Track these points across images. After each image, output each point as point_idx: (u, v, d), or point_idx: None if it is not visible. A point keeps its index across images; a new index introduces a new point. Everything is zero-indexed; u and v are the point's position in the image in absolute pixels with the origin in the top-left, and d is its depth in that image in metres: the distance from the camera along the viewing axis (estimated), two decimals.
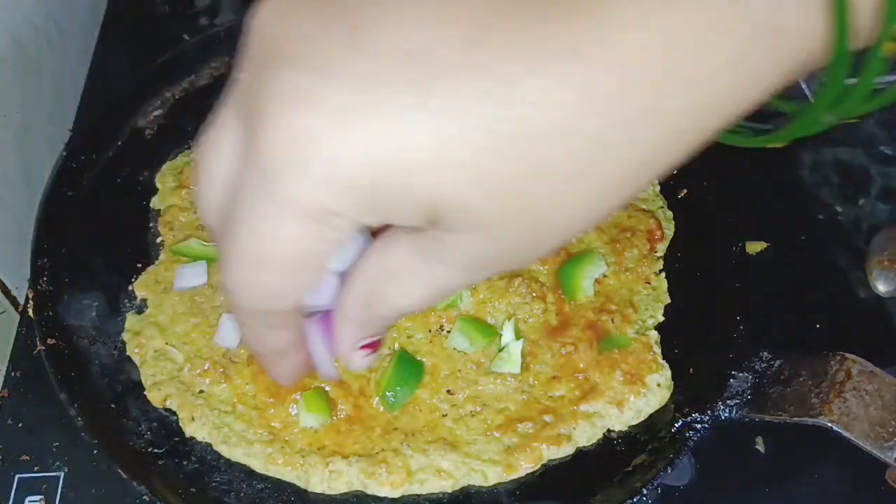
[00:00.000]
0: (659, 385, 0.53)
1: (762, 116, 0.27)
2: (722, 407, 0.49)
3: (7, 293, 0.62)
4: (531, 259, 0.26)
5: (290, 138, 0.22)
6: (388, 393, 0.51)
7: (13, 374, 0.56)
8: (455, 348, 0.54)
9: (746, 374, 0.50)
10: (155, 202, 0.63)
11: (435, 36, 0.21)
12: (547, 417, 0.51)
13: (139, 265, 0.59)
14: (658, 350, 0.55)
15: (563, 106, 0.21)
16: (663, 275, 0.59)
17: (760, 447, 0.54)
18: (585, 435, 0.51)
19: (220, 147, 0.25)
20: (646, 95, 0.21)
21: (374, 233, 0.28)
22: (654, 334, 0.55)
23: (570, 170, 0.22)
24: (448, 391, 0.52)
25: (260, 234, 0.24)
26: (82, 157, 0.61)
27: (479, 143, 0.21)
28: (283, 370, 0.31)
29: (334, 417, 0.50)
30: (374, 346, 0.31)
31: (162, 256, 0.59)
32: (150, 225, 0.61)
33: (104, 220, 0.60)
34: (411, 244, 0.26)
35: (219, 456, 0.50)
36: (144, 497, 0.46)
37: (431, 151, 0.21)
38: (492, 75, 0.21)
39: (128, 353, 0.54)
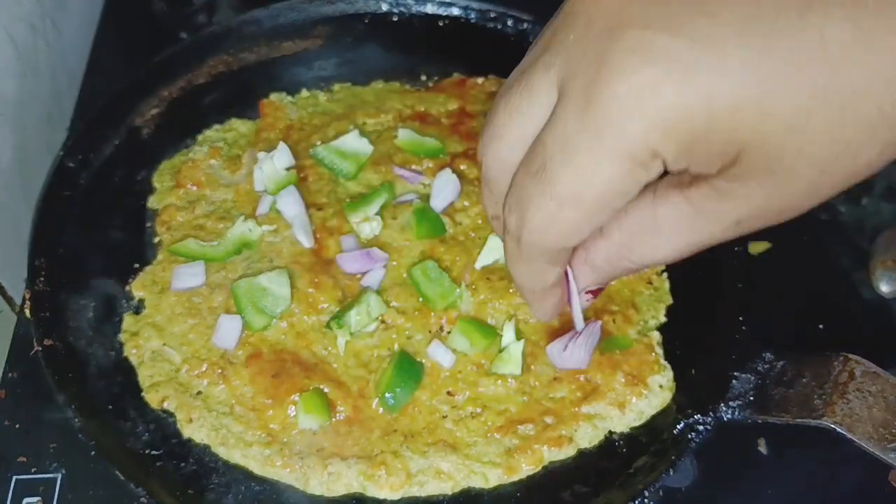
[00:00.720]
0: (661, 386, 0.53)
1: None
2: (724, 408, 0.49)
3: (4, 293, 0.62)
4: (801, 210, 0.28)
5: (633, 85, 0.25)
6: (387, 394, 0.51)
7: (10, 374, 0.55)
8: (455, 349, 0.53)
9: (749, 376, 0.50)
10: (152, 202, 0.62)
11: (770, 5, 0.25)
12: (548, 419, 0.51)
13: (136, 265, 0.58)
14: (660, 351, 0.54)
15: (876, 67, 0.24)
16: (665, 275, 0.59)
17: (763, 448, 0.54)
18: (587, 436, 0.51)
19: (534, 108, 0.29)
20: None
21: None
22: (656, 335, 0.55)
23: (879, 123, 0.25)
24: (448, 392, 0.52)
25: (581, 173, 0.27)
26: (79, 157, 0.61)
27: (800, 100, 0.24)
28: (548, 305, 0.35)
29: (333, 419, 0.50)
30: (597, 293, 0.35)
31: (159, 256, 0.59)
32: (148, 225, 0.61)
33: (101, 220, 0.60)
34: (682, 199, 0.28)
35: (217, 457, 0.49)
36: (142, 499, 0.46)
37: (758, 104, 0.25)
38: (826, 39, 0.24)
39: (125, 354, 0.54)
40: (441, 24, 0.72)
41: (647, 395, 0.52)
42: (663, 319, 0.57)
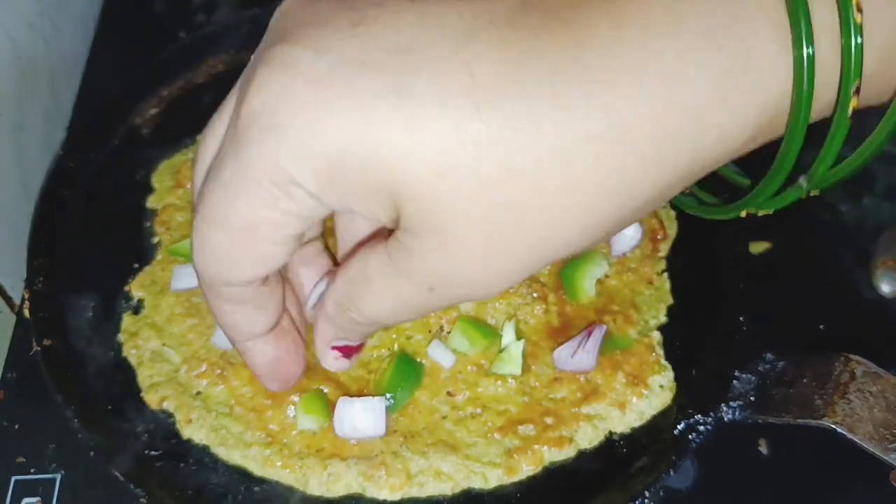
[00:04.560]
0: (661, 386, 0.53)
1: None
2: (725, 409, 0.49)
3: (3, 294, 0.61)
4: (494, 287, 0.24)
5: (269, 101, 0.23)
6: (387, 395, 0.51)
7: (9, 375, 0.55)
8: (455, 349, 0.53)
9: (750, 376, 0.49)
10: (151, 202, 0.62)
11: (427, 36, 0.22)
12: (548, 419, 0.51)
13: (136, 265, 0.58)
14: (661, 351, 0.54)
15: (552, 118, 0.21)
16: (666, 275, 0.59)
17: (764, 449, 0.54)
18: (587, 437, 0.51)
19: (216, 124, 0.27)
20: (631, 117, 0.21)
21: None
22: (657, 335, 0.55)
23: (545, 184, 0.21)
24: (448, 393, 0.52)
25: (223, 194, 0.25)
26: (78, 157, 0.61)
27: (449, 142, 0.21)
28: (258, 359, 0.32)
29: (333, 420, 0.50)
30: (347, 352, 0.32)
31: (158, 257, 0.58)
32: (147, 225, 0.61)
33: (100, 220, 0.60)
34: (384, 252, 0.26)
35: (216, 458, 0.49)
36: (141, 499, 0.46)
37: (401, 140, 0.21)
38: (476, 76, 0.21)
39: (124, 354, 0.54)
40: None
41: (648, 395, 0.52)
42: (664, 319, 0.57)
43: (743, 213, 0.32)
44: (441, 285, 0.25)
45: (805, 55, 0.21)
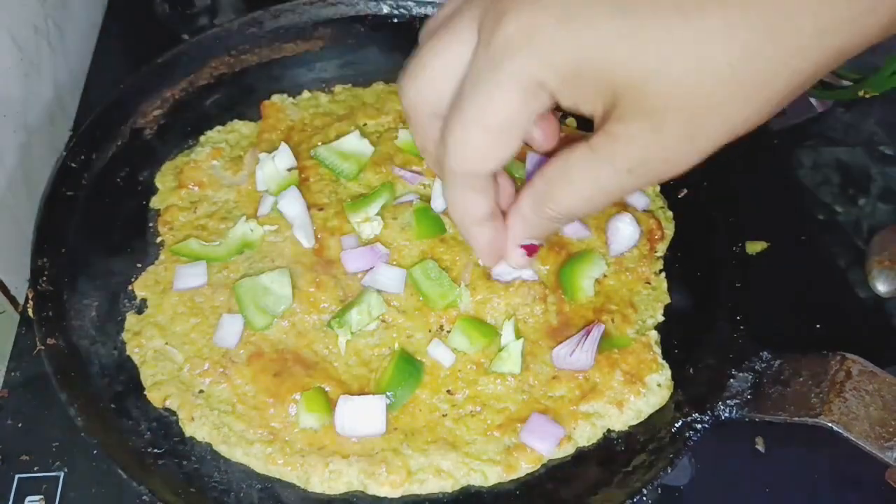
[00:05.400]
0: (659, 385, 0.53)
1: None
2: (722, 407, 0.49)
3: (7, 293, 0.62)
4: (686, 160, 0.31)
5: (521, 27, 0.30)
6: (388, 393, 0.51)
7: (13, 374, 0.56)
8: (455, 348, 0.54)
9: (746, 374, 0.50)
10: (154, 202, 0.63)
11: None
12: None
13: (139, 265, 0.59)
14: (658, 350, 0.55)
15: (740, 21, 0.27)
16: (663, 275, 0.59)
17: (760, 447, 0.54)
18: (585, 435, 0.51)
19: (454, 45, 0.33)
20: (798, 16, 0.27)
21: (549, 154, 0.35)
22: (654, 334, 0.55)
23: (735, 73, 0.28)
24: (448, 391, 0.52)
25: (483, 100, 0.31)
26: (82, 157, 0.61)
27: (658, 46, 0.28)
28: (482, 241, 0.38)
29: (334, 418, 0.50)
30: (532, 250, 0.39)
31: (161, 256, 0.59)
32: (150, 225, 0.61)
33: (104, 220, 0.60)
34: (585, 145, 0.32)
35: (218, 456, 0.50)
36: (144, 497, 0.46)
37: (627, 47, 0.28)
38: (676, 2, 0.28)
39: (127, 353, 0.54)
40: None
41: (646, 393, 0.52)
42: (661, 318, 0.57)
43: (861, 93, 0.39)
44: (641, 164, 0.31)
45: None
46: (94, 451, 0.47)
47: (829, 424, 0.44)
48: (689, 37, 0.28)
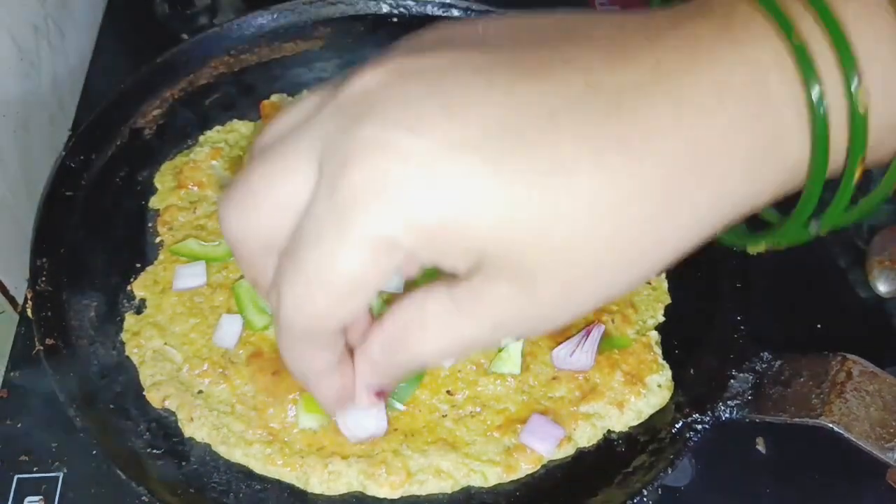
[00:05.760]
0: (659, 386, 0.53)
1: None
2: (722, 407, 0.49)
3: (6, 293, 0.62)
4: (556, 321, 0.28)
5: (372, 178, 0.25)
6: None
7: (12, 374, 0.56)
8: None
9: (747, 375, 0.50)
10: (154, 202, 0.62)
11: (516, 120, 0.25)
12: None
13: (138, 265, 0.58)
14: (658, 350, 0.55)
15: (613, 187, 0.25)
16: (664, 275, 0.59)
17: (761, 448, 0.54)
18: (586, 436, 0.51)
19: (289, 178, 0.28)
20: (680, 185, 0.26)
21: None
22: (655, 335, 0.55)
23: (616, 237, 0.26)
24: (448, 392, 0.52)
25: (327, 258, 0.27)
26: (81, 157, 0.61)
27: (537, 209, 0.25)
28: (326, 392, 0.33)
29: (333, 418, 0.50)
30: (382, 394, 0.34)
31: (161, 256, 0.59)
32: (149, 225, 0.61)
33: (103, 220, 0.60)
34: (446, 295, 0.29)
35: (218, 456, 0.49)
36: (143, 497, 0.46)
37: (499, 208, 0.25)
38: (559, 156, 0.25)
39: (126, 354, 0.54)
40: None
41: (646, 394, 0.52)
42: (661, 319, 0.57)
43: (763, 247, 0.38)
44: (507, 324, 0.28)
45: (819, 136, 0.26)
46: (94, 452, 0.47)
47: (830, 425, 0.44)
48: (570, 202, 0.25)
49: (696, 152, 0.26)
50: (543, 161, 0.25)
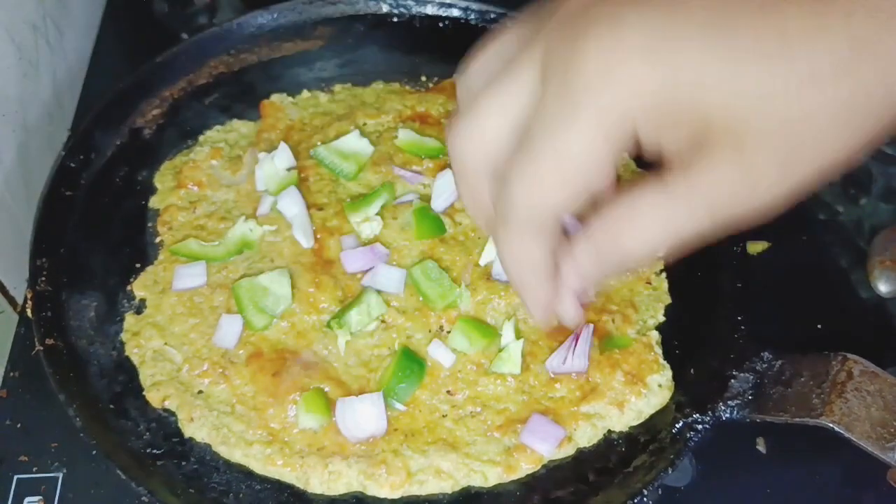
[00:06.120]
0: (660, 386, 0.53)
1: None
2: (723, 407, 0.49)
3: (6, 293, 0.62)
4: (771, 200, 0.29)
5: (604, 56, 0.27)
6: (392, 386, 0.51)
7: (12, 374, 0.56)
8: (455, 349, 0.53)
9: (747, 375, 0.50)
10: (153, 202, 0.62)
11: (740, 3, 0.27)
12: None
13: (138, 265, 0.58)
14: (659, 350, 0.54)
15: (843, 58, 0.26)
16: (664, 275, 0.59)
17: (761, 448, 0.54)
18: (586, 436, 0.51)
19: (516, 95, 0.30)
20: (878, 64, 0.27)
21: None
22: (655, 335, 0.55)
23: (838, 112, 0.27)
24: (448, 392, 0.52)
25: (561, 140, 0.29)
26: (81, 157, 0.61)
27: (761, 83, 0.27)
28: (540, 298, 0.35)
29: (333, 418, 0.50)
30: (585, 304, 0.36)
31: (160, 256, 0.59)
32: (149, 225, 0.61)
33: (103, 220, 0.60)
34: (659, 184, 0.30)
35: (218, 457, 0.49)
36: (143, 498, 0.46)
37: (726, 80, 0.27)
38: (788, 28, 0.27)
39: (126, 354, 0.54)
40: (441, 25, 0.73)
41: (646, 394, 0.52)
42: (662, 319, 0.57)
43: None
44: (721, 206, 0.29)
45: None
46: (93, 452, 0.47)
47: (831, 425, 0.44)
48: (793, 78, 0.27)
49: (886, 34, 0.26)
50: (769, 34, 0.27)
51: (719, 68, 0.27)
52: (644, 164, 0.65)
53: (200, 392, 0.52)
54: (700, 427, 0.49)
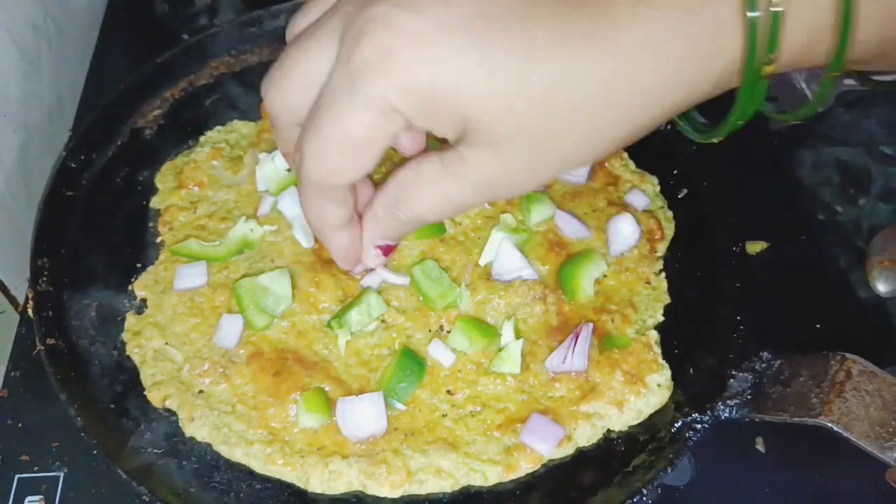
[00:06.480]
0: (659, 385, 0.53)
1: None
2: (722, 407, 0.49)
3: (7, 293, 0.62)
4: (526, 185, 0.34)
5: (378, 51, 0.31)
6: (392, 384, 0.51)
7: (13, 374, 0.56)
8: (455, 348, 0.54)
9: (746, 374, 0.50)
10: (154, 202, 0.63)
11: (500, 7, 0.31)
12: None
13: (139, 265, 0.59)
14: (658, 350, 0.55)
15: (575, 70, 0.30)
16: (663, 275, 0.59)
17: (760, 447, 0.54)
18: (585, 435, 0.51)
19: (316, 56, 0.34)
20: (633, 71, 0.31)
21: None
22: (654, 334, 0.55)
23: (572, 115, 0.31)
24: (448, 391, 0.52)
25: (338, 119, 0.32)
26: (82, 157, 0.61)
27: (507, 83, 0.30)
28: (337, 246, 0.40)
29: (334, 418, 0.50)
30: (387, 251, 0.41)
31: (161, 256, 0.59)
32: (150, 225, 0.61)
33: (104, 220, 0.60)
34: (438, 159, 0.34)
35: (218, 456, 0.50)
36: (144, 497, 0.46)
37: (478, 82, 0.30)
38: (533, 41, 0.30)
39: (127, 353, 0.54)
40: None
41: (646, 393, 0.52)
42: (661, 319, 0.57)
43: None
44: (485, 185, 0.34)
45: (752, 28, 0.30)
46: (94, 452, 0.47)
47: (830, 425, 0.44)
48: (536, 80, 0.30)
49: (648, 43, 0.30)
50: (518, 44, 0.30)
51: (473, 71, 0.30)
52: (643, 164, 0.65)
53: (201, 392, 0.52)
54: (699, 426, 0.49)
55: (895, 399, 0.45)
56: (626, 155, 0.66)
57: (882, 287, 0.62)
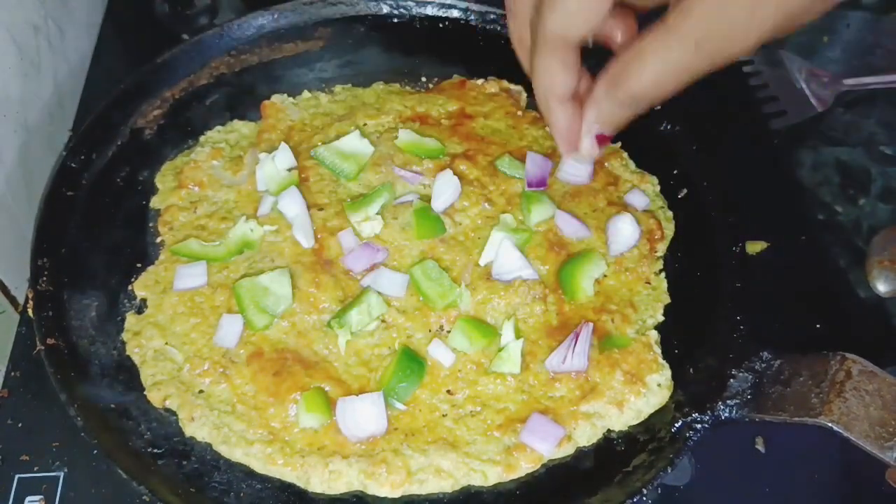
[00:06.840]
0: (659, 385, 0.53)
1: None
2: (722, 407, 0.49)
3: (7, 293, 0.62)
4: (745, 35, 0.35)
5: None
6: (393, 384, 0.51)
7: (13, 374, 0.56)
8: (455, 348, 0.54)
9: (746, 374, 0.50)
10: (154, 202, 0.63)
11: None
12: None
13: (139, 265, 0.58)
14: (658, 350, 0.55)
15: None
16: (663, 275, 0.59)
17: (760, 447, 0.54)
18: (585, 435, 0.51)
19: None
20: None
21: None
22: (654, 334, 0.55)
23: None
24: (448, 391, 0.52)
25: None
26: (82, 157, 0.61)
27: None
28: (561, 118, 0.41)
29: (334, 417, 0.50)
30: (602, 140, 0.42)
31: (161, 256, 0.59)
32: (150, 225, 0.61)
33: (104, 220, 0.60)
34: (660, 24, 0.36)
35: (218, 456, 0.50)
36: (144, 497, 0.46)
37: None
38: None
39: (127, 353, 0.54)
40: (441, 26, 0.73)
41: (646, 393, 0.52)
42: (661, 319, 0.57)
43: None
44: (707, 39, 0.35)
45: None
46: (94, 451, 0.47)
47: (830, 424, 0.44)
48: None
49: None
50: None
51: None
52: (643, 164, 0.65)
53: (201, 391, 0.52)
54: (699, 426, 0.49)
55: (895, 399, 0.45)
56: (626, 155, 0.66)
57: (882, 287, 0.62)
